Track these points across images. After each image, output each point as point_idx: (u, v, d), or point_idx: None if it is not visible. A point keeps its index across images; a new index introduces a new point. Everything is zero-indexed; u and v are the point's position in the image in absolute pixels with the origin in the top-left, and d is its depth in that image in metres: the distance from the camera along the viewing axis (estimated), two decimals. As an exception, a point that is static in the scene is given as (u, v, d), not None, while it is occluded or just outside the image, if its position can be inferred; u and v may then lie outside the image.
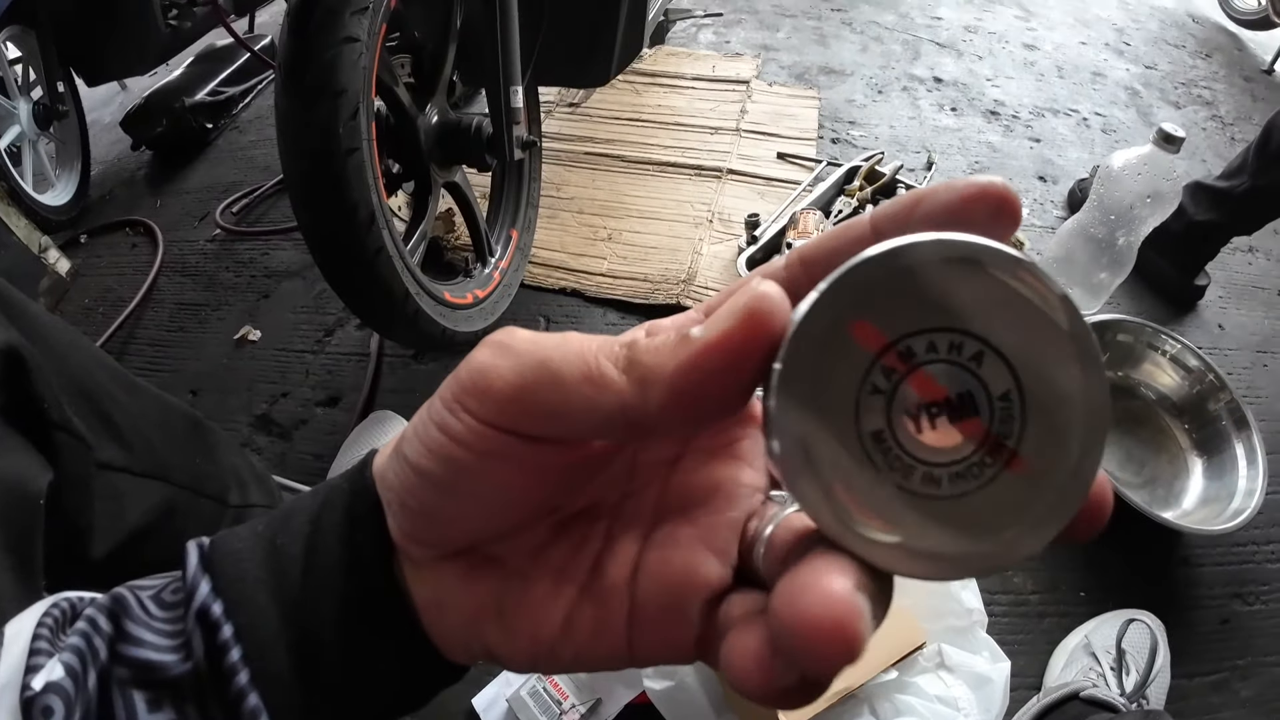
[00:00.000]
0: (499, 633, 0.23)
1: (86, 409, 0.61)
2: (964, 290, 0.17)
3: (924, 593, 0.82)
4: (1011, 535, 0.17)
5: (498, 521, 0.22)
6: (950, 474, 0.17)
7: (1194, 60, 2.31)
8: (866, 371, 0.17)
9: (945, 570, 0.17)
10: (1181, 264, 1.36)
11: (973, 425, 0.17)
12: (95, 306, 1.38)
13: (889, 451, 0.18)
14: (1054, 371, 0.17)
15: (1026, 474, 0.17)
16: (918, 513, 0.17)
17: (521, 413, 0.19)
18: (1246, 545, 1.05)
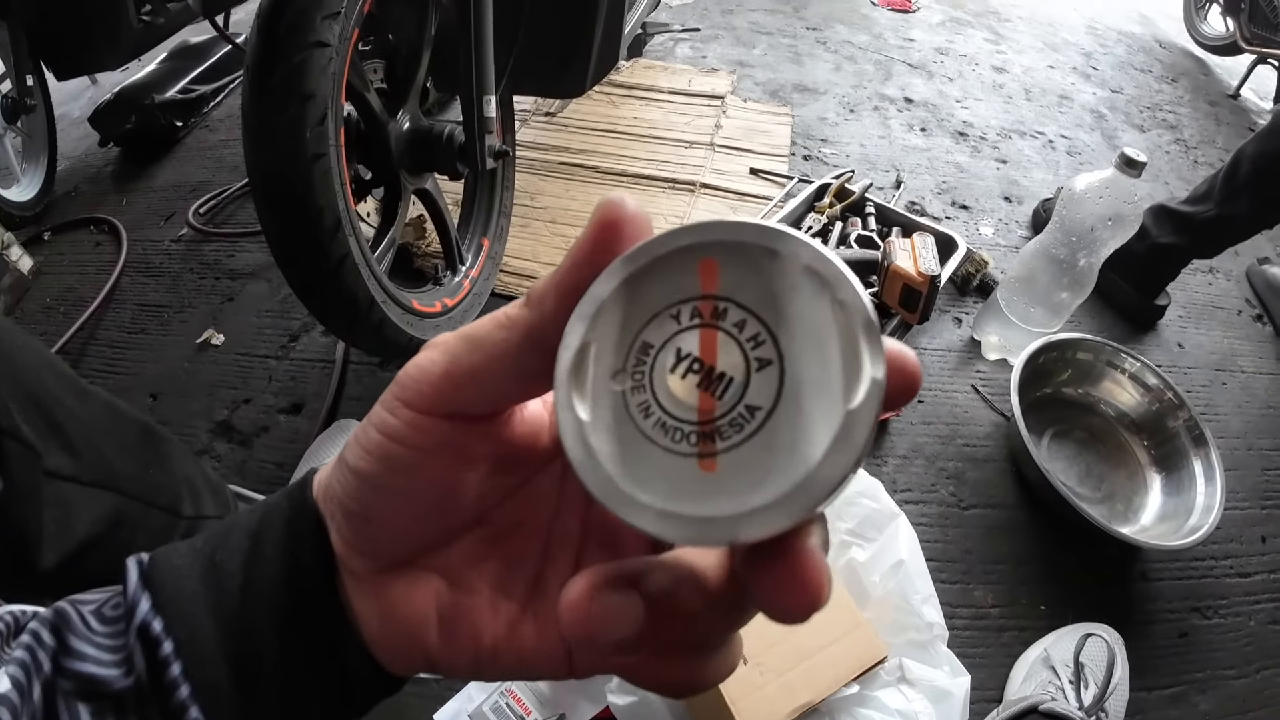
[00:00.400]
0: (441, 644, 0.24)
1: (35, 415, 0.60)
2: (803, 304, 0.17)
3: (886, 607, 0.83)
4: (645, 500, 0.18)
5: (434, 522, 0.24)
6: (660, 420, 0.18)
7: (1160, 84, 2.38)
8: (683, 300, 0.18)
9: (586, 469, 0.18)
10: (1143, 284, 1.39)
11: (709, 403, 0.18)
12: (56, 306, 1.35)
13: (642, 364, 0.18)
14: (808, 426, 0.17)
15: (708, 477, 0.17)
16: (613, 418, 0.18)
17: (453, 387, 0.21)
18: (1205, 560, 1.07)
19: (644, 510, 0.17)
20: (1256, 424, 1.29)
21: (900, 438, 1.16)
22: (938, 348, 1.31)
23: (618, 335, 0.19)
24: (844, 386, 0.17)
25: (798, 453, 0.16)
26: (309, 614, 0.24)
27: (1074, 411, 1.20)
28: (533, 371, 0.21)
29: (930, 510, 1.07)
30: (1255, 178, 1.23)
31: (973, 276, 1.40)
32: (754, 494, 0.17)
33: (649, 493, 0.17)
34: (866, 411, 0.16)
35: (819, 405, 0.17)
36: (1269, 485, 1.19)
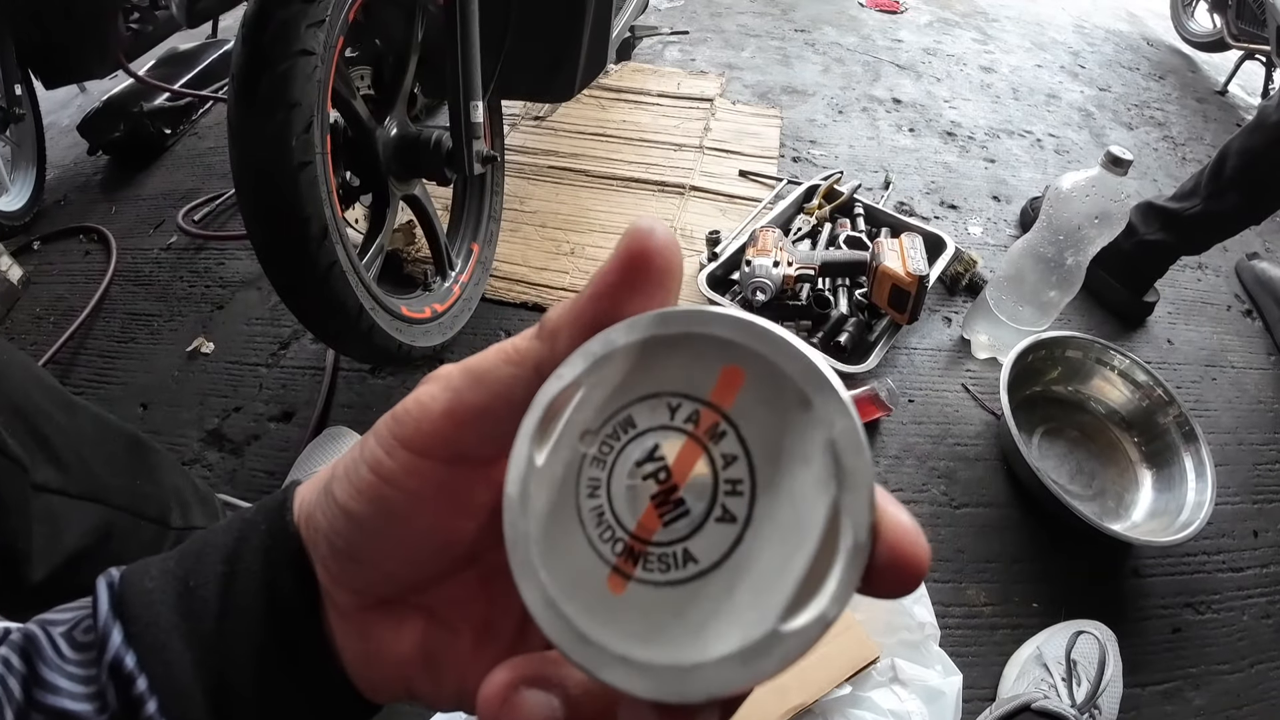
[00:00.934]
0: (427, 681, 0.23)
1: (22, 429, 0.60)
2: (802, 482, 0.16)
3: (878, 608, 0.83)
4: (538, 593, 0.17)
5: (426, 567, 0.23)
6: (600, 512, 0.17)
7: (1147, 82, 2.39)
8: (686, 395, 0.17)
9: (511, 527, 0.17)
10: (1131, 281, 1.40)
11: (651, 522, 0.16)
12: (46, 315, 1.34)
13: (615, 439, 0.17)
14: (720, 616, 0.15)
15: (612, 600, 0.16)
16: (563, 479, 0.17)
17: (456, 427, 0.20)
18: (1197, 555, 1.07)
19: (535, 587, 0.16)
20: (1247, 419, 1.29)
21: (891, 438, 1.16)
22: (927, 347, 1.31)
23: (610, 394, 0.17)
24: (789, 601, 0.15)
25: (698, 638, 0.15)
26: (289, 647, 0.23)
27: (1064, 409, 1.20)
28: None
29: (922, 510, 1.07)
30: (1241, 173, 1.24)
31: (962, 276, 1.40)
32: (635, 646, 0.15)
33: (548, 573, 0.16)
34: (795, 642, 0.15)
35: (750, 603, 0.15)
36: (1260, 480, 1.20)
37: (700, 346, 0.17)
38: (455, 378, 0.20)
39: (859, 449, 0.15)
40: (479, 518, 0.22)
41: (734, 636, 0.15)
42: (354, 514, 0.21)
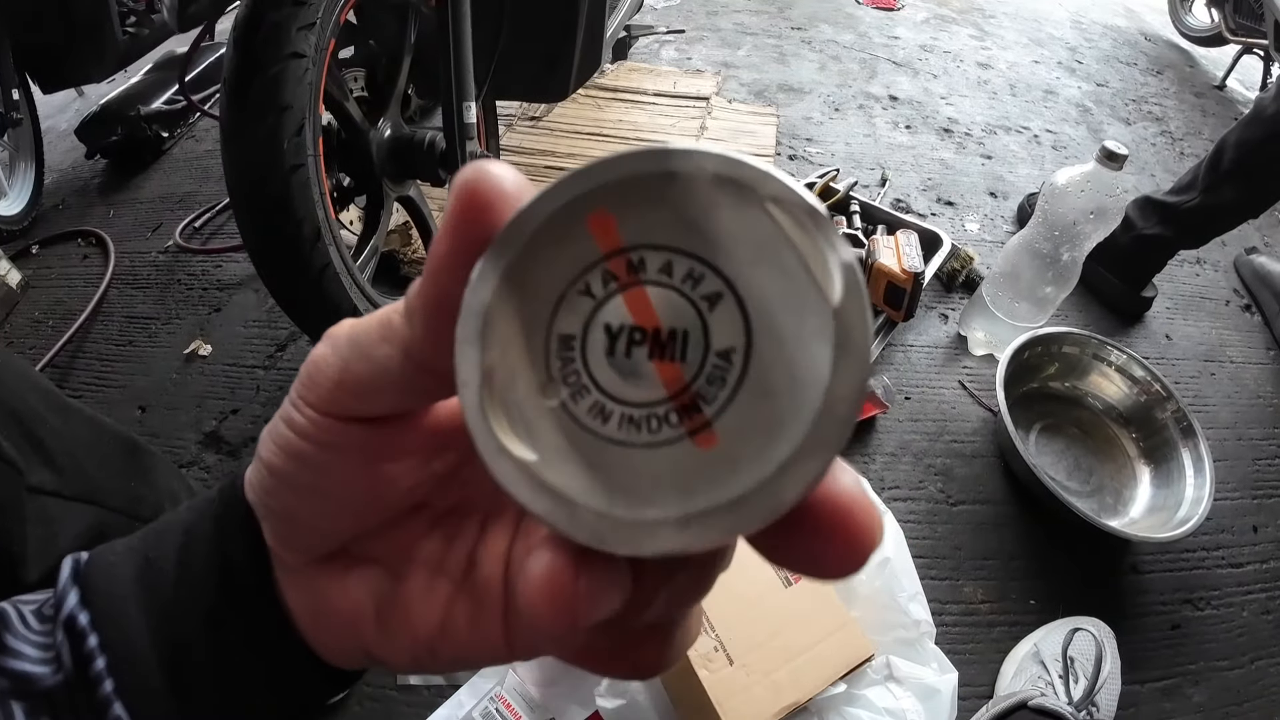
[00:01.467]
0: (378, 635, 0.23)
1: (16, 431, 0.60)
2: (730, 219, 0.14)
3: (873, 606, 0.83)
4: (656, 516, 0.14)
5: (358, 519, 0.22)
6: (625, 415, 0.15)
7: (1145, 77, 2.38)
8: (586, 269, 0.15)
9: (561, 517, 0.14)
10: (1129, 276, 1.40)
11: (672, 371, 0.15)
12: (45, 319, 1.34)
13: (570, 362, 0.15)
14: (797, 347, 0.14)
15: (711, 454, 0.14)
16: (566, 440, 0.15)
17: (346, 394, 0.19)
18: (1195, 551, 1.07)
19: (659, 530, 0.14)
20: (1246, 414, 1.29)
21: (887, 435, 1.16)
22: (924, 344, 1.31)
23: (524, 343, 0.15)
24: (815, 288, 0.14)
25: (801, 379, 0.14)
26: (239, 609, 0.23)
27: (1061, 405, 1.20)
28: (425, 390, 0.19)
29: (919, 507, 1.07)
30: (1238, 166, 1.24)
31: (958, 272, 1.40)
32: (776, 446, 0.14)
33: (655, 506, 0.14)
34: (854, 302, 0.14)
35: (799, 319, 0.14)
36: (1259, 475, 1.19)
37: (552, 232, 0.15)
38: (343, 343, 0.19)
39: (739, 162, 0.14)
40: (405, 462, 0.21)
41: (820, 347, 0.14)
42: (279, 471, 0.21)
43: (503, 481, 0.15)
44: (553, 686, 0.84)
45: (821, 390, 0.14)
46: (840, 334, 0.14)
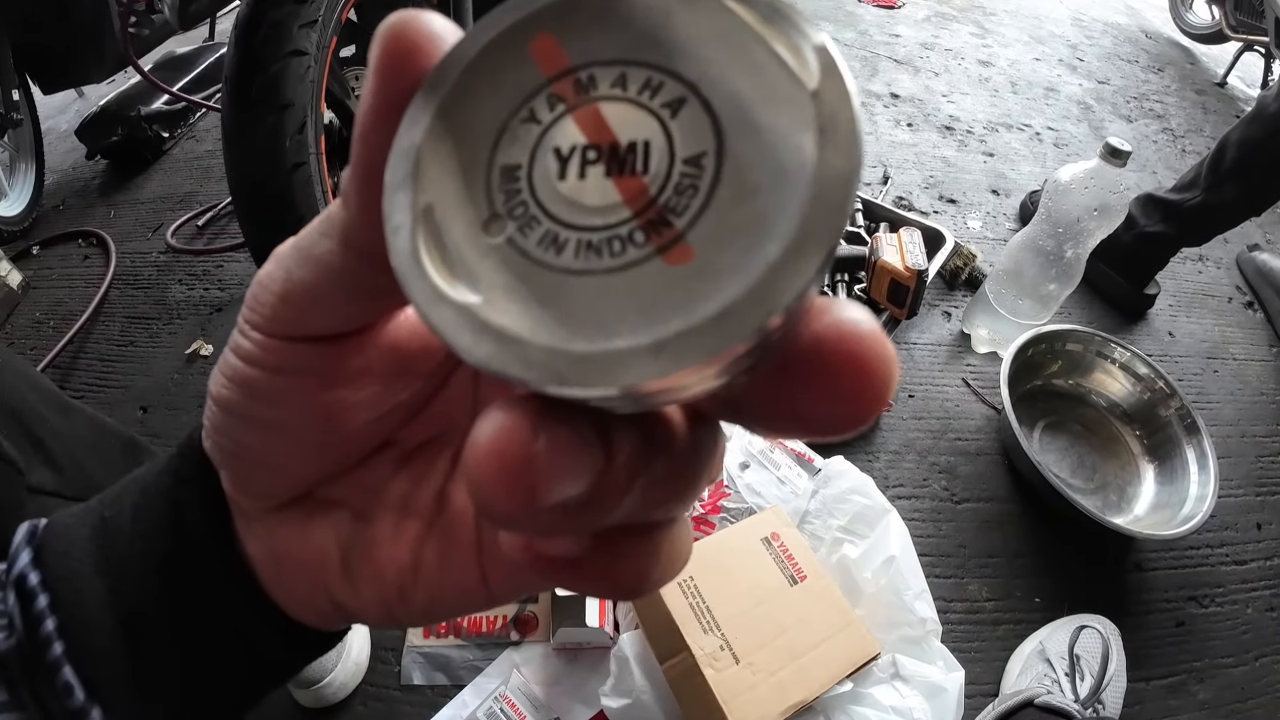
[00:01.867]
0: (344, 584, 0.21)
1: (18, 431, 0.60)
2: (686, 22, 0.13)
3: (878, 604, 0.83)
4: (623, 345, 0.12)
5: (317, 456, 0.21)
6: (582, 241, 0.13)
7: (1146, 75, 2.38)
8: (530, 96, 0.13)
9: (508, 359, 0.12)
10: (1132, 274, 1.39)
11: (634, 185, 0.13)
12: (45, 320, 1.34)
13: (516, 194, 0.13)
14: (776, 138, 0.12)
15: (686, 269, 0.12)
16: (514, 277, 0.13)
17: (291, 307, 0.17)
18: (1200, 549, 1.07)
19: (629, 360, 0.12)
20: (1249, 411, 1.29)
21: (891, 433, 1.15)
22: (927, 342, 1.31)
23: (463, 180, 0.13)
24: (789, 75, 0.12)
25: (785, 171, 0.12)
26: (194, 562, 0.22)
27: (1065, 403, 1.20)
28: (370, 286, 0.17)
29: (923, 505, 1.07)
30: (1240, 163, 1.23)
31: (961, 270, 1.40)
32: (762, 247, 0.12)
33: (621, 335, 0.12)
34: (833, 82, 0.12)
35: (773, 111, 0.12)
36: (1263, 472, 1.19)
37: (490, 63, 0.14)
38: (285, 254, 0.18)
39: None
40: (362, 388, 0.20)
41: (802, 136, 0.12)
42: (227, 403, 0.19)
43: (441, 330, 0.13)
44: (557, 686, 0.84)
45: (809, 177, 0.12)
46: (823, 117, 0.12)
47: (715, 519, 0.89)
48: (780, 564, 0.80)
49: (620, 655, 0.78)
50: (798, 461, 0.97)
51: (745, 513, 0.89)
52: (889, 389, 0.12)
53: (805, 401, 0.12)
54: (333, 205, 0.17)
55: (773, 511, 0.86)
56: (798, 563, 0.80)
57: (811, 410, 0.12)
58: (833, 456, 0.99)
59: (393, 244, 0.13)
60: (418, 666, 0.86)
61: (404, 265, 0.13)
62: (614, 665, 0.78)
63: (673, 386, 0.12)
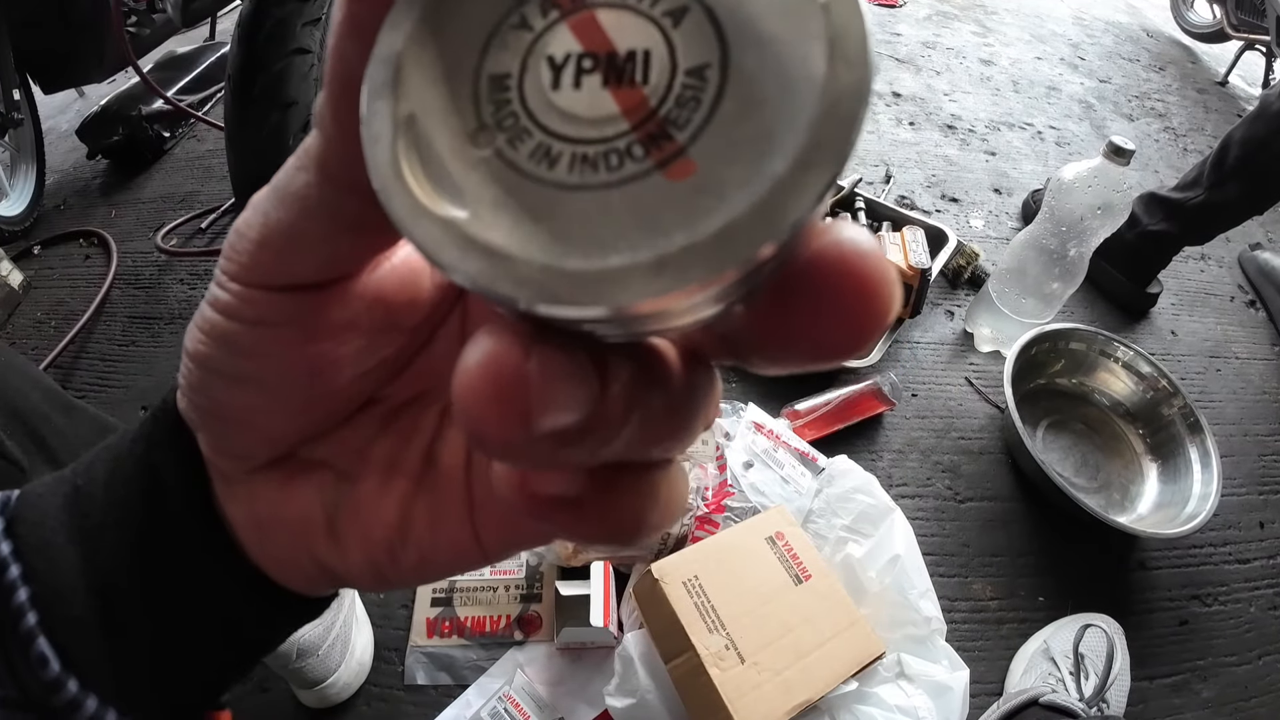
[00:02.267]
0: (329, 546, 0.21)
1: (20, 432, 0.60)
2: None
3: (883, 603, 0.83)
4: (622, 262, 0.11)
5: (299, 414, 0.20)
6: (576, 155, 0.12)
7: (1148, 73, 2.38)
8: (519, 2, 0.13)
9: (498, 275, 0.11)
10: (1134, 273, 1.39)
11: (633, 97, 0.12)
12: (47, 320, 1.34)
13: (505, 104, 0.12)
14: (783, 50, 0.11)
15: (688, 184, 0.11)
16: (504, 191, 0.12)
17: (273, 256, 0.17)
18: (1203, 547, 1.07)
19: (628, 278, 0.11)
20: (1252, 410, 1.29)
21: (895, 432, 1.15)
22: (930, 341, 1.31)
23: (448, 89, 0.13)
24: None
25: (792, 83, 0.11)
26: (169, 528, 0.21)
27: (1068, 402, 1.20)
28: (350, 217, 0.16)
29: (926, 504, 1.07)
30: (1243, 163, 1.23)
31: (964, 269, 1.39)
32: (768, 161, 0.11)
33: (620, 252, 0.11)
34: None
35: (780, 23, 0.12)
36: (1266, 471, 1.19)
37: None
38: (262, 198, 0.16)
39: None
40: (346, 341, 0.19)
41: (812, 47, 0.11)
42: (205, 360, 0.18)
43: (425, 246, 0.12)
44: (561, 686, 0.84)
45: (818, 90, 0.11)
46: (833, 28, 0.11)
47: (719, 518, 0.89)
48: (785, 563, 0.80)
49: (625, 655, 0.78)
50: (801, 461, 0.97)
51: (749, 512, 0.89)
52: (890, 308, 0.12)
53: (805, 324, 0.12)
54: (309, 136, 0.15)
55: (777, 511, 0.86)
56: (802, 562, 0.80)
57: (812, 333, 0.12)
58: (836, 456, 0.99)
59: (371, 155, 0.12)
60: (421, 666, 0.86)
61: (384, 178, 0.12)
62: (618, 665, 0.78)
63: (670, 309, 0.11)
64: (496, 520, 0.20)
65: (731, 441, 0.97)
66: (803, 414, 1.08)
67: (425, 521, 0.20)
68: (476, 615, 0.90)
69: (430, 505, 0.20)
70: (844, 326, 0.12)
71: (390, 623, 0.90)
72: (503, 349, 0.11)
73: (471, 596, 0.91)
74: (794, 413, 1.08)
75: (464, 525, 0.20)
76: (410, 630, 0.89)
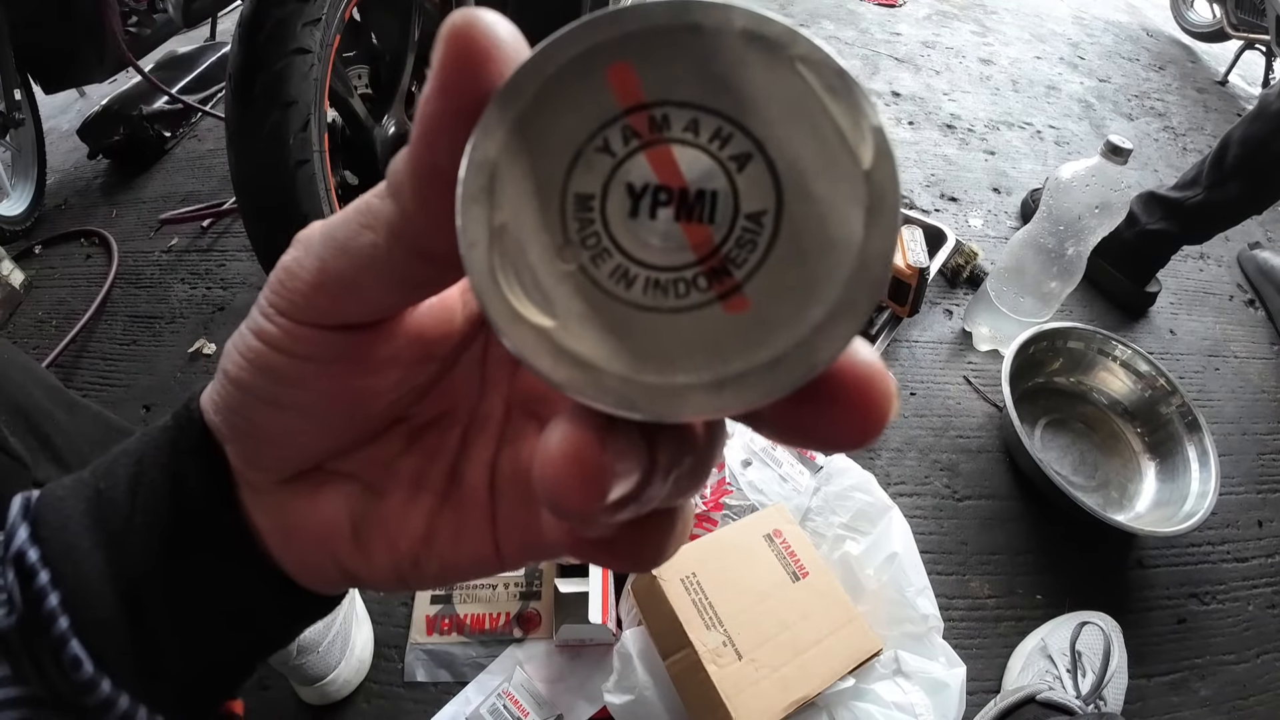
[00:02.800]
0: (355, 553, 0.22)
1: (24, 429, 0.60)
2: (758, 77, 0.14)
3: (881, 600, 0.83)
4: (687, 380, 0.13)
5: (334, 436, 0.21)
6: (650, 280, 0.14)
7: (1147, 73, 2.38)
8: (604, 125, 0.14)
9: (587, 384, 0.14)
10: (1133, 272, 1.39)
11: (701, 233, 0.14)
12: (48, 319, 1.35)
13: (589, 224, 0.14)
14: (829, 209, 0.13)
15: (742, 318, 0.14)
16: (587, 305, 0.14)
17: (324, 296, 0.17)
18: (1201, 546, 1.07)
19: (692, 394, 0.13)
20: (1250, 409, 1.29)
21: (893, 431, 1.16)
22: (929, 340, 1.31)
23: (538, 202, 0.14)
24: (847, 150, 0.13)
25: (834, 241, 0.13)
26: (196, 534, 0.22)
27: (1066, 400, 1.20)
28: (416, 280, 0.17)
29: (925, 502, 1.07)
30: (1242, 162, 1.23)
31: (962, 268, 1.40)
32: (810, 308, 0.13)
33: (686, 371, 0.13)
34: (885, 165, 0.13)
35: (829, 183, 0.13)
36: (1264, 470, 1.19)
37: (568, 81, 0.14)
38: (317, 243, 0.17)
39: (766, 18, 0.14)
40: (386, 375, 0.20)
41: (853, 210, 0.13)
42: (245, 385, 0.19)
43: (520, 350, 0.14)
44: (560, 683, 0.84)
45: (855, 252, 0.13)
46: (872, 197, 0.13)
47: (718, 516, 0.89)
48: (783, 560, 0.80)
49: (623, 652, 0.78)
50: (800, 459, 0.97)
51: (748, 510, 0.89)
52: (888, 416, 0.14)
53: (818, 423, 0.14)
54: (369, 197, 0.17)
55: (775, 508, 0.86)
56: (800, 559, 0.81)
57: (822, 430, 0.15)
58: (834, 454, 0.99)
59: (469, 259, 0.14)
60: (421, 663, 0.87)
61: (482, 282, 0.14)
62: (617, 662, 0.78)
63: (729, 414, 0.14)
64: (518, 535, 0.22)
65: (730, 439, 0.97)
66: (801, 412, 1.08)
67: (450, 534, 0.22)
68: (476, 612, 0.90)
69: (455, 520, 0.22)
70: (855, 428, 0.14)
71: (390, 620, 0.90)
72: (583, 440, 0.14)
73: (471, 594, 0.91)
74: (793, 411, 1.08)
75: (486, 538, 0.22)
76: (410, 627, 0.89)
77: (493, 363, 0.23)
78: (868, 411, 0.14)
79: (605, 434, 0.14)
